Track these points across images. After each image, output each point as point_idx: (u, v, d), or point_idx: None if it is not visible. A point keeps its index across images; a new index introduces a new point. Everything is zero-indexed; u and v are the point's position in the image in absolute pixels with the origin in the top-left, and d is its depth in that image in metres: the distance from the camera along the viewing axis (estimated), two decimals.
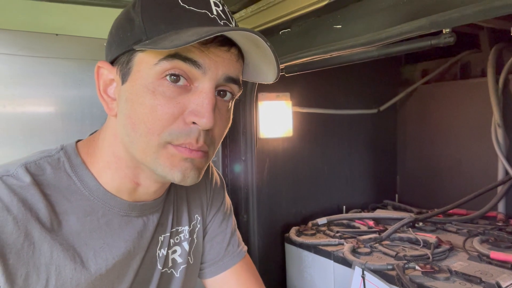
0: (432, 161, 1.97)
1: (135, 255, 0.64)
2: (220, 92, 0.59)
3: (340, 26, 1.07)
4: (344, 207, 1.85)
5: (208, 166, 0.84)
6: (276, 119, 1.59)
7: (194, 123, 0.55)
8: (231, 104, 0.62)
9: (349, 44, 1.01)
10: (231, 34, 0.54)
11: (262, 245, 1.58)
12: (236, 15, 1.34)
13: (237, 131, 1.51)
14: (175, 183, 0.59)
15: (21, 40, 1.11)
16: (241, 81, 0.61)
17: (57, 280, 0.54)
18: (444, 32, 0.84)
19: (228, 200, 0.88)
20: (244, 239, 1.56)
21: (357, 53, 0.99)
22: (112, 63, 0.60)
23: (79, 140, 0.66)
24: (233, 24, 0.59)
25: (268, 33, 1.30)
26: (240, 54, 0.59)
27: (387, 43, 0.95)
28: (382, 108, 2.01)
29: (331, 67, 1.23)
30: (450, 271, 1.09)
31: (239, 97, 1.51)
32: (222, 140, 0.62)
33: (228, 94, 0.60)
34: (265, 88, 1.56)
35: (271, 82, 0.63)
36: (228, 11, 0.59)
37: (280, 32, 1.28)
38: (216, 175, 0.87)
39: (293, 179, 1.71)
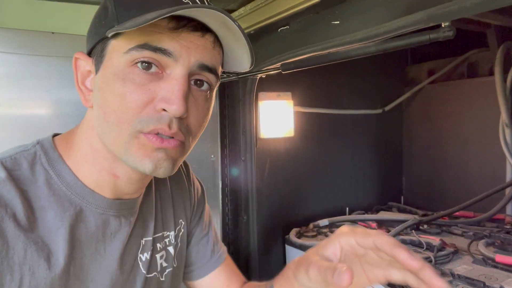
0: (438, 162, 1.92)
1: (109, 256, 0.62)
2: (196, 82, 0.56)
3: (338, 22, 1.04)
4: (347, 209, 1.82)
5: (189, 171, 0.84)
6: (277, 119, 1.57)
7: (164, 110, 0.52)
8: (210, 95, 0.59)
9: (347, 40, 0.99)
10: (198, 15, 0.52)
11: (262, 246, 1.55)
12: (235, 13, 1.33)
13: (236, 131, 1.49)
14: (147, 174, 0.56)
15: (17, 38, 1.11)
16: (219, 71, 0.59)
17: (31, 280, 0.52)
18: (443, 25, 0.81)
19: (207, 204, 0.89)
20: (244, 240, 1.56)
21: (354, 49, 0.97)
22: (90, 54, 0.58)
23: (56, 135, 0.64)
24: (204, 4, 0.55)
25: (267, 31, 1.29)
26: (217, 42, 0.57)
27: (385, 38, 0.92)
28: (387, 108, 1.97)
29: (331, 65, 1.21)
30: (452, 274, 1.05)
31: (239, 96, 1.50)
32: (201, 131, 0.60)
33: (205, 84, 0.57)
34: (265, 87, 1.54)
35: (247, 69, 0.60)
36: None
37: (279, 30, 1.26)
38: (197, 181, 0.87)
39: (295, 180, 1.68)
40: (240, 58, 0.59)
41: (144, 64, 0.52)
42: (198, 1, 0.54)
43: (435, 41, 0.85)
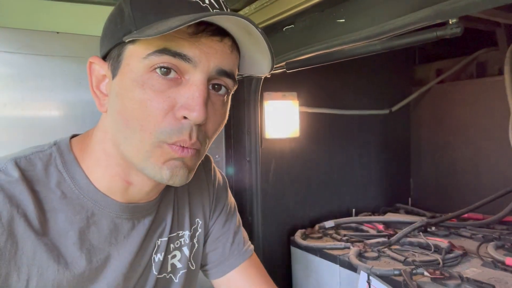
0: (447, 164, 1.89)
1: (122, 258, 0.61)
2: (214, 86, 0.56)
3: (344, 20, 1.03)
4: (354, 210, 1.79)
5: (210, 166, 0.82)
6: (282, 119, 1.55)
7: (185, 117, 0.52)
8: (227, 99, 0.59)
9: (352, 39, 0.98)
10: (220, 21, 0.52)
11: (267, 247, 1.54)
12: (240, 13, 1.32)
13: (241, 131, 1.48)
14: (164, 183, 0.56)
15: (22, 38, 1.11)
16: (236, 75, 0.58)
17: (39, 281, 0.52)
18: (450, 22, 0.79)
19: (231, 199, 0.85)
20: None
21: (359, 47, 0.95)
22: (105, 58, 0.58)
23: (74, 136, 0.63)
24: (223, 10, 0.56)
25: (272, 30, 1.28)
26: (235, 46, 0.56)
27: (391, 36, 0.90)
28: (394, 108, 1.95)
29: (337, 65, 1.19)
30: (461, 277, 1.03)
31: (244, 96, 1.48)
32: (216, 135, 0.59)
33: (223, 89, 0.57)
34: (270, 87, 1.53)
35: (266, 73, 0.60)
36: (222, 1, 0.57)
37: (284, 29, 1.25)
38: (219, 175, 0.84)
39: (301, 181, 1.67)
40: (260, 62, 0.58)
41: (163, 69, 0.51)
42: (216, 5, 0.54)
43: (443, 39, 0.83)
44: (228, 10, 0.57)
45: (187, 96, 0.52)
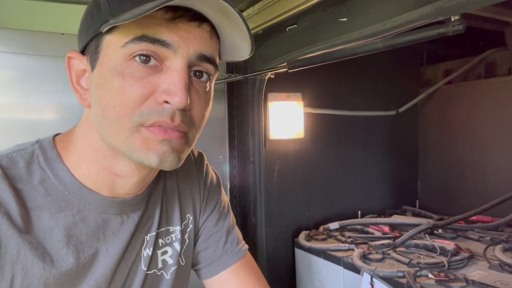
0: (455, 166, 1.86)
1: (110, 254, 0.61)
2: (196, 73, 0.55)
3: (346, 19, 1.02)
4: (360, 212, 1.77)
5: (203, 163, 0.81)
6: (286, 120, 1.55)
7: (166, 102, 0.51)
8: (209, 86, 0.58)
9: (354, 37, 0.97)
10: (197, 5, 0.51)
11: (271, 249, 1.53)
12: (244, 14, 1.32)
13: (245, 132, 1.48)
14: (153, 167, 0.56)
15: (27, 39, 1.13)
16: (217, 60, 0.58)
17: (23, 279, 0.52)
18: (452, 19, 0.78)
19: (225, 198, 0.84)
20: (252, 242, 1.53)
21: (361, 45, 0.94)
22: (83, 52, 0.57)
23: (58, 134, 0.63)
24: None
25: (275, 30, 1.28)
26: (214, 32, 0.56)
27: (393, 34, 0.89)
28: (401, 109, 1.93)
29: (343, 65, 1.19)
30: (466, 280, 1.01)
31: (248, 97, 1.48)
32: (204, 123, 0.59)
33: (205, 75, 0.56)
34: (275, 88, 1.52)
35: (246, 57, 0.59)
36: None
37: (287, 29, 1.25)
38: (212, 173, 0.83)
39: (305, 182, 1.66)
40: (239, 46, 0.58)
41: (142, 57, 0.51)
42: None
43: (451, 40, 0.82)
44: None
45: (168, 82, 0.51)
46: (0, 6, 1.12)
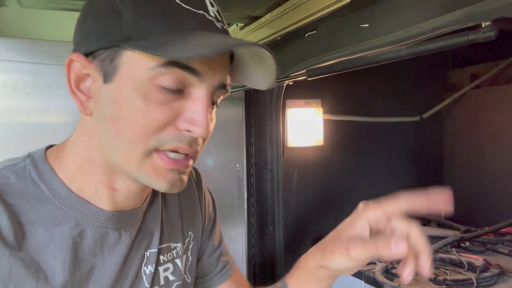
0: (483, 174, 1.79)
1: (107, 270, 0.59)
2: (212, 99, 0.55)
3: (367, 25, 0.99)
4: None
5: (201, 181, 0.82)
6: (305, 127, 1.51)
7: (188, 131, 0.51)
8: (216, 106, 0.59)
9: (377, 44, 0.93)
10: (240, 48, 0.52)
11: (289, 259, 1.49)
12: (262, 19, 1.30)
13: (263, 140, 1.45)
14: (162, 192, 0.57)
15: (47, 49, 1.14)
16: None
17: None
18: (483, 25, 0.73)
19: (217, 212, 0.86)
20: (270, 253, 1.51)
21: (383, 53, 0.90)
22: (87, 55, 0.53)
23: (50, 146, 0.61)
24: (225, 25, 0.55)
25: (294, 37, 1.25)
26: (231, 56, 0.56)
27: (419, 41, 0.85)
28: (425, 115, 1.87)
29: (364, 70, 1.14)
30: None
31: (266, 104, 1.46)
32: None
33: (217, 100, 0.56)
34: (294, 94, 1.50)
35: (262, 89, 0.60)
36: (219, 10, 0.55)
37: (306, 35, 1.22)
38: (208, 192, 0.84)
39: (325, 191, 1.62)
40: (257, 78, 0.58)
41: (170, 83, 0.50)
42: (219, 17, 0.54)
43: (476, 43, 0.78)
44: (223, 19, 0.56)
45: (192, 110, 0.51)
46: (24, 17, 1.14)
